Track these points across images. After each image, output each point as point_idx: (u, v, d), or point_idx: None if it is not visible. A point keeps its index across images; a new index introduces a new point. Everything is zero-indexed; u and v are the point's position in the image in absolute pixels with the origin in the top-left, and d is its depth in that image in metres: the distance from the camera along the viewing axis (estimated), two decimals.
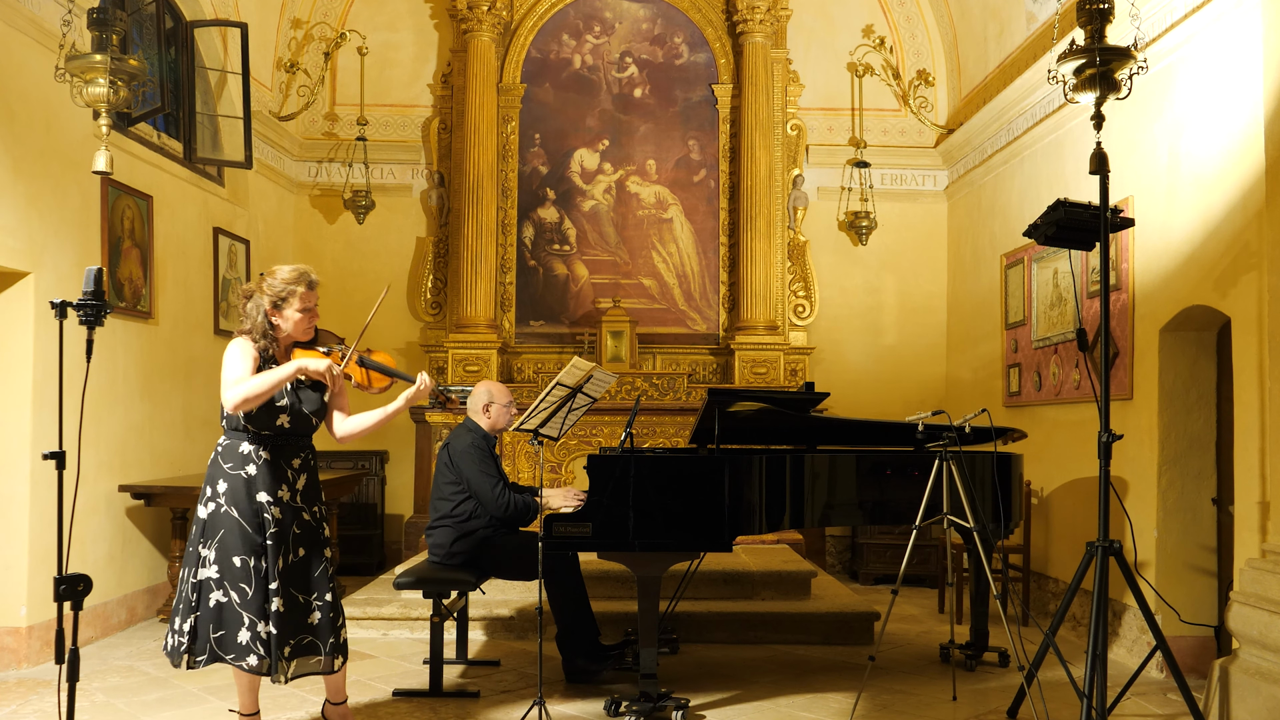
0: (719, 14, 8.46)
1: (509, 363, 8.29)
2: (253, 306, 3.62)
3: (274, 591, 3.54)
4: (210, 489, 3.61)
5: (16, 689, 4.74)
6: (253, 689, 3.76)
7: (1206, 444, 5.17)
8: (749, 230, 8.16)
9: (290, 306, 3.62)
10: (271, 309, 3.62)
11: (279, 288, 3.60)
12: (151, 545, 6.34)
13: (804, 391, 4.90)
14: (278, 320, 3.63)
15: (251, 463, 3.61)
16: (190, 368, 6.79)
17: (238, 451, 3.62)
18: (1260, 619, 3.96)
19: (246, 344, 3.61)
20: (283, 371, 3.51)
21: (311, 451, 3.80)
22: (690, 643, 5.62)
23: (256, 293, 3.63)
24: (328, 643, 3.66)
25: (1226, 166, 4.67)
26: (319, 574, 3.69)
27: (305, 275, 3.65)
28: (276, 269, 3.66)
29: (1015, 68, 7.12)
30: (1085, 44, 4.08)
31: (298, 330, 3.66)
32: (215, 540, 3.55)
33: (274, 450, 3.65)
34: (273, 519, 3.58)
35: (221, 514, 3.57)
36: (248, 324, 3.63)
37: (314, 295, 3.68)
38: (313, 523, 3.72)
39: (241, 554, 3.53)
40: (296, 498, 3.69)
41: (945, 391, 8.57)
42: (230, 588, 3.52)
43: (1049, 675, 4.72)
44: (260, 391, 3.48)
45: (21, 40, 5.12)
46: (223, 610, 3.51)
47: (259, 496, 3.58)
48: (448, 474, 4.88)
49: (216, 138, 7.04)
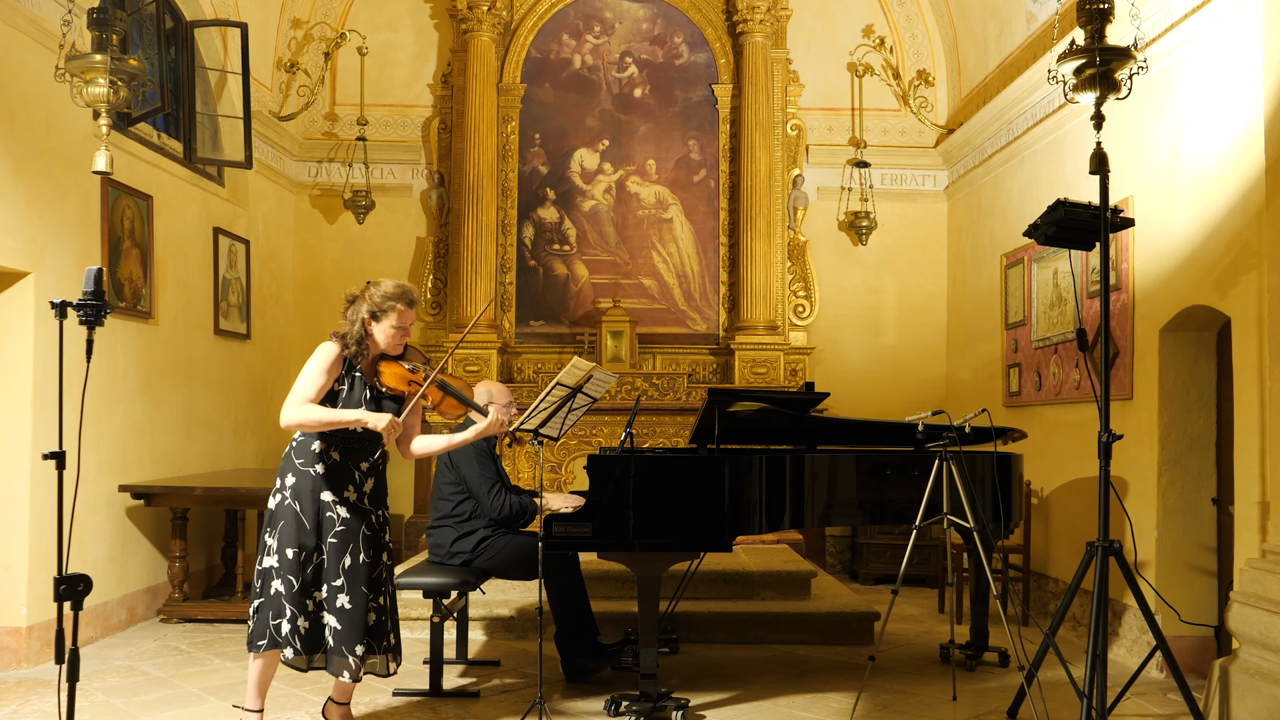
0: (719, 14, 8.46)
1: (509, 363, 8.29)
2: (352, 313, 3.74)
3: (338, 588, 3.66)
4: (280, 481, 3.75)
5: (16, 689, 4.74)
6: (264, 686, 3.80)
7: (1206, 444, 5.17)
8: (749, 230, 8.16)
9: (387, 320, 3.73)
10: (369, 319, 3.73)
11: (379, 300, 3.72)
12: (151, 545, 6.34)
13: (804, 391, 4.90)
14: (373, 330, 3.75)
15: (321, 461, 3.72)
16: (190, 368, 6.79)
17: (310, 449, 3.73)
18: (1260, 619, 3.96)
19: (334, 349, 3.71)
20: (344, 415, 3.63)
21: (383, 455, 3.90)
22: (690, 643, 5.62)
23: (359, 300, 3.74)
24: (381, 644, 3.76)
25: (1226, 166, 4.67)
26: (377, 576, 3.78)
27: (408, 294, 3.76)
28: (382, 281, 3.78)
29: (1015, 68, 7.12)
30: (1085, 44, 4.08)
31: (389, 344, 3.78)
32: (277, 530, 3.68)
33: (344, 452, 3.75)
34: (338, 518, 3.70)
35: (285, 506, 3.70)
36: (344, 328, 3.74)
37: (411, 314, 3.79)
38: (378, 525, 3.83)
39: (294, 546, 3.65)
40: (364, 500, 3.79)
41: (945, 391, 8.57)
42: (281, 578, 3.65)
43: (1049, 675, 4.72)
44: (314, 422, 3.61)
45: (21, 40, 5.12)
46: (280, 599, 3.64)
47: (323, 495, 3.70)
48: (448, 474, 4.88)
49: (216, 138, 7.04)
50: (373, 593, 3.74)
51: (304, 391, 3.64)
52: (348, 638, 3.65)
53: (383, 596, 3.79)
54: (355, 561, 3.69)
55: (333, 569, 3.67)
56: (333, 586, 3.67)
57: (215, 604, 6.31)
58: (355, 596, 3.67)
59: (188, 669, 5.11)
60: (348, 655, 3.65)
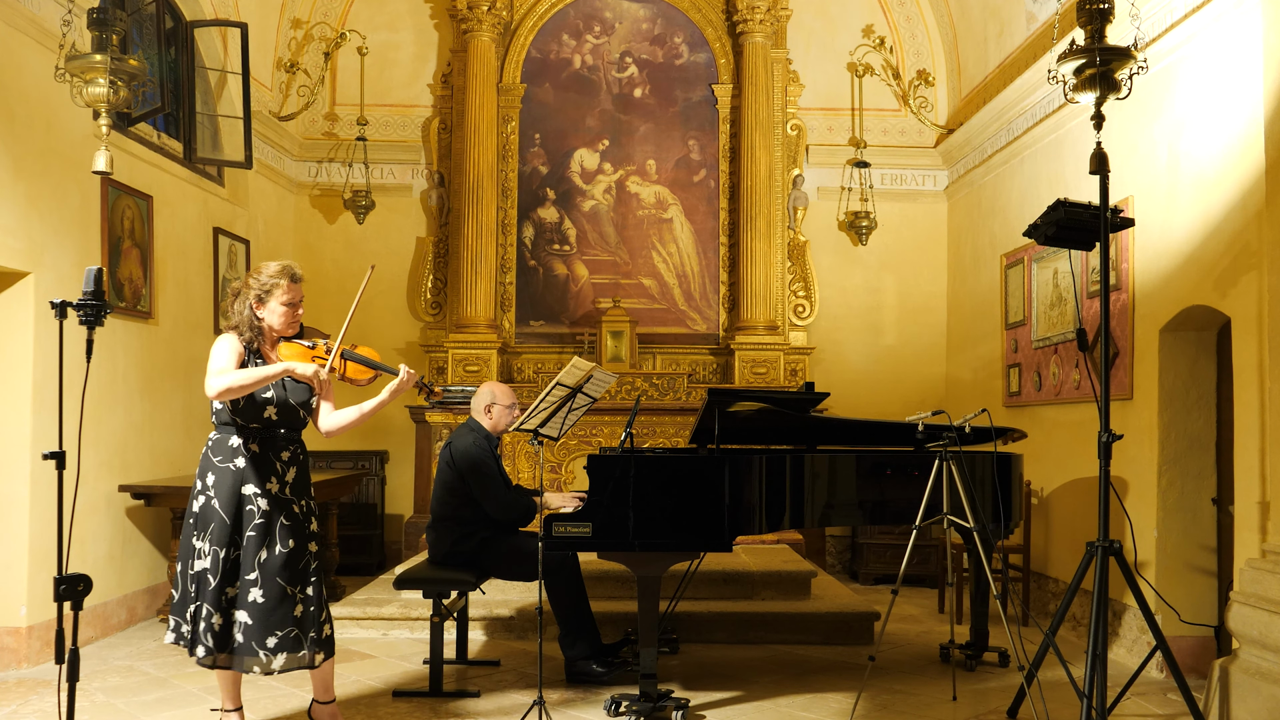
0: (719, 14, 8.46)
1: (509, 363, 8.28)
2: (239, 303, 3.72)
3: (251, 582, 3.60)
4: (200, 482, 3.69)
5: (16, 689, 4.74)
6: (234, 683, 3.78)
7: (1206, 444, 5.17)
8: (749, 230, 8.16)
9: (274, 299, 3.70)
10: (256, 303, 3.71)
11: (263, 281, 3.70)
12: (151, 545, 6.34)
13: (804, 391, 4.90)
14: (262, 314, 3.72)
15: (241, 456, 3.67)
16: (190, 368, 6.79)
17: (227, 445, 3.69)
18: (1260, 619, 3.96)
19: (232, 338, 3.69)
20: (268, 370, 3.56)
21: (301, 446, 3.85)
22: (690, 643, 5.62)
23: (243, 288, 3.73)
24: (308, 636, 3.68)
25: (1226, 166, 4.67)
26: (303, 567, 3.71)
27: (289, 269, 3.74)
28: (263, 265, 3.76)
29: (1015, 68, 7.12)
30: (1085, 44, 4.08)
31: (281, 324, 3.73)
32: (207, 532, 3.62)
33: (263, 443, 3.71)
34: (258, 510, 3.64)
35: (210, 506, 3.64)
36: (234, 319, 3.72)
37: (298, 289, 3.75)
38: (301, 515, 3.75)
39: (218, 545, 3.61)
40: (286, 490, 3.73)
41: (945, 391, 8.57)
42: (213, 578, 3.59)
43: (1049, 675, 4.72)
44: (242, 384, 3.53)
45: (21, 40, 5.12)
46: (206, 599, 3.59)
47: (245, 489, 3.65)
48: (449, 474, 4.87)
49: (216, 138, 7.04)
50: (296, 584, 3.66)
51: (222, 364, 3.59)
52: (258, 633, 3.57)
53: (309, 587, 3.70)
54: (271, 554, 3.62)
55: (248, 563, 3.60)
56: (246, 580, 3.60)
57: None
58: (269, 589, 3.60)
59: (188, 669, 5.11)
60: (259, 651, 3.57)
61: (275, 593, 3.61)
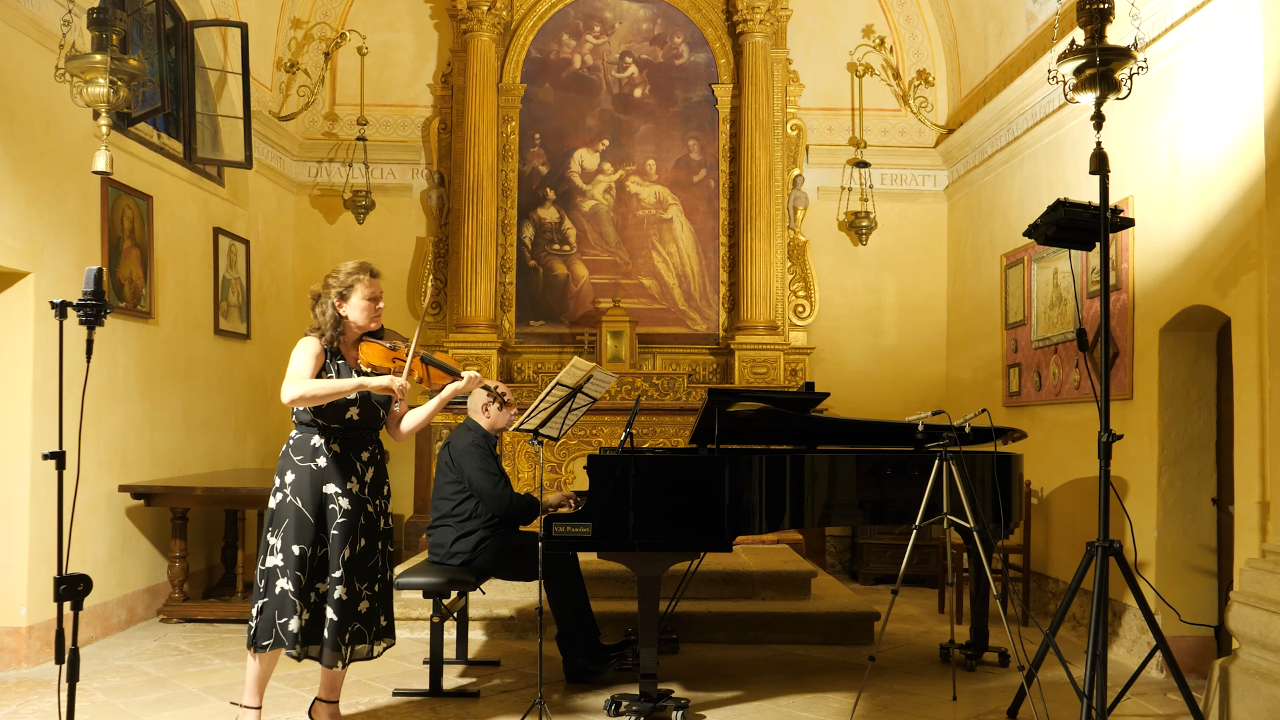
0: (719, 14, 8.46)
1: (509, 363, 8.29)
2: (321, 305, 3.80)
3: (338, 580, 3.70)
4: (279, 480, 3.78)
5: (16, 689, 4.74)
6: (263, 683, 3.82)
7: (1206, 444, 5.17)
8: (749, 230, 8.16)
9: (356, 294, 3.80)
10: (338, 301, 3.79)
11: (343, 279, 3.80)
12: (151, 545, 6.34)
13: (804, 391, 4.90)
14: (345, 311, 3.80)
15: (322, 455, 3.77)
16: (190, 368, 6.79)
17: (309, 445, 3.78)
18: (1260, 619, 3.96)
19: (313, 342, 3.77)
20: (342, 384, 3.67)
21: (379, 445, 3.96)
22: (690, 643, 5.62)
23: (323, 291, 3.81)
24: (372, 629, 3.82)
25: (1226, 166, 4.67)
26: (372, 565, 3.83)
27: (366, 265, 3.86)
28: (339, 265, 3.86)
29: (1015, 68, 7.12)
30: (1085, 44, 4.08)
31: (365, 319, 3.83)
32: (280, 529, 3.71)
33: (344, 443, 3.81)
34: (340, 510, 3.74)
35: (287, 503, 3.73)
36: (316, 322, 3.80)
37: (377, 284, 3.87)
38: (375, 514, 3.87)
39: (299, 544, 3.68)
40: (364, 490, 3.83)
41: (945, 391, 8.57)
42: (287, 577, 3.67)
43: (1049, 675, 4.72)
44: (315, 395, 3.64)
45: (21, 40, 5.11)
46: (286, 598, 3.66)
47: (326, 488, 3.74)
48: (448, 473, 4.88)
49: (216, 138, 7.04)
50: (366, 581, 3.79)
51: (299, 370, 3.69)
52: (341, 629, 3.70)
53: (377, 584, 3.84)
54: (353, 552, 3.75)
55: (335, 561, 3.72)
56: (333, 579, 3.72)
57: (215, 604, 6.31)
58: (350, 588, 3.73)
59: (188, 669, 5.12)
60: (341, 647, 3.70)
61: (354, 591, 3.74)
